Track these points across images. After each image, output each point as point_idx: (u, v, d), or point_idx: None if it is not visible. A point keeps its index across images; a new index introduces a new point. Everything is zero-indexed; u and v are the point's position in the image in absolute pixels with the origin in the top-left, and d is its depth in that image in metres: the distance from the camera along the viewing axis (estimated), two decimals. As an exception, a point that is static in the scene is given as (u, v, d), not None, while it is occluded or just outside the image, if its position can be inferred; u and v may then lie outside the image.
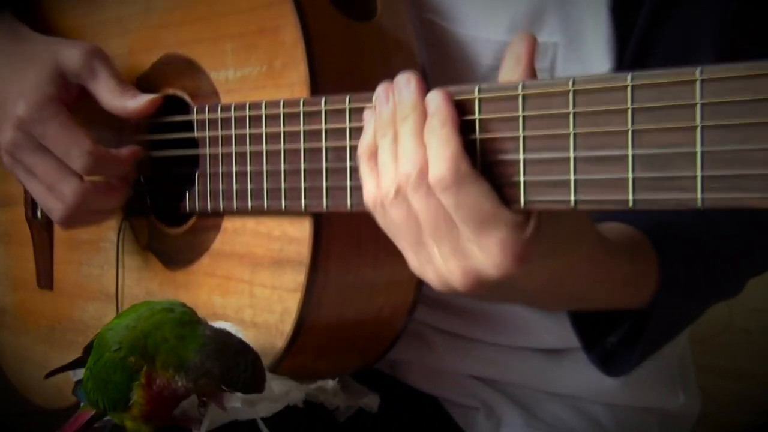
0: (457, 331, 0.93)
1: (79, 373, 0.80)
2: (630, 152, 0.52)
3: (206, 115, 0.81)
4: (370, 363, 0.87)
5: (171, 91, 0.87)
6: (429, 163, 0.58)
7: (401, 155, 0.60)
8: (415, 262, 0.63)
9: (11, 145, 0.87)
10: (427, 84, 0.61)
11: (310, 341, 0.78)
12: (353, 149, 0.68)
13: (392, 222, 0.62)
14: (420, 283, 0.83)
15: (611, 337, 0.77)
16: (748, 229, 0.80)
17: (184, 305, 0.74)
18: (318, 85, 0.74)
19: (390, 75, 0.78)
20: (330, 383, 0.82)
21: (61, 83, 0.87)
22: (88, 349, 0.79)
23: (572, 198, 0.55)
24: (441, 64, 0.83)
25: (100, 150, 0.84)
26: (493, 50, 0.81)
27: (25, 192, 1.01)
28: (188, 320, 0.72)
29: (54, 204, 0.87)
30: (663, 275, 0.72)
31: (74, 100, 0.88)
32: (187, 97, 0.85)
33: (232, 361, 0.69)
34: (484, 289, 0.61)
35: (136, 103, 0.86)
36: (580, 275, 0.67)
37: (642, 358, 0.77)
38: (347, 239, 0.76)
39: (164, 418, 0.75)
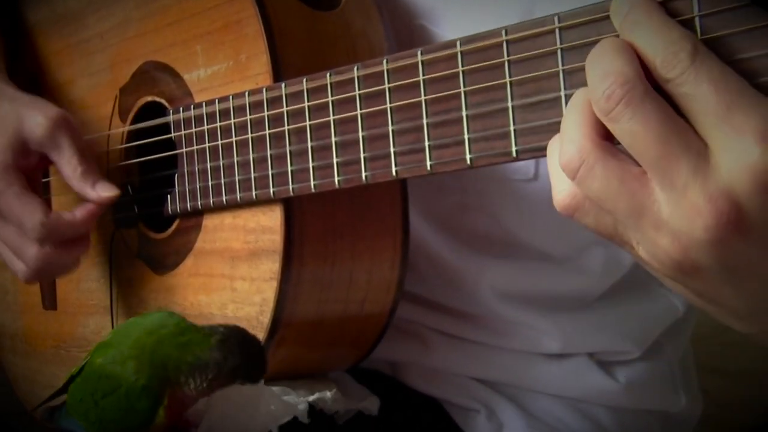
0: (457, 334, 0.93)
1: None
2: (562, 93, 0.52)
3: (181, 115, 0.82)
4: (360, 359, 0.86)
5: (150, 98, 0.89)
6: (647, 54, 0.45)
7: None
8: (644, 223, 0.46)
9: None
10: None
11: (292, 332, 0.78)
12: (313, 129, 0.68)
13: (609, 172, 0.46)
14: (402, 277, 0.83)
15: None
16: None
17: (172, 315, 0.74)
18: (281, 73, 0.75)
19: (355, 62, 0.79)
20: (328, 394, 0.81)
21: (20, 150, 0.86)
22: (70, 380, 0.77)
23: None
24: None
25: (52, 219, 0.83)
26: None
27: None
28: (186, 326, 0.72)
29: (19, 266, 0.88)
30: None
31: (37, 165, 0.88)
32: (164, 102, 0.87)
33: (253, 350, 0.69)
34: (737, 234, 0.44)
35: (94, 192, 0.85)
36: None
37: None
38: (321, 226, 0.76)
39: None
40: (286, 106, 0.70)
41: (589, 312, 0.92)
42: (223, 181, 0.78)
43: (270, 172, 0.73)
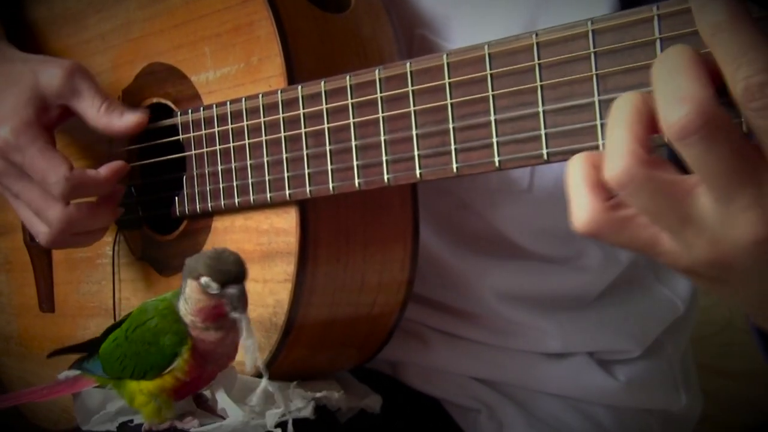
0: (458, 333, 0.93)
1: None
2: (596, 98, 0.53)
3: (189, 117, 0.82)
4: (367, 358, 0.87)
5: (155, 99, 0.88)
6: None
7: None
8: (689, 237, 0.47)
9: None
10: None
11: (304, 334, 0.78)
12: (332, 131, 0.69)
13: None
14: (412, 278, 0.83)
15: None
16: None
17: None
18: (295, 75, 0.75)
19: (366, 64, 0.79)
20: (335, 395, 0.82)
21: (41, 105, 0.85)
22: (106, 332, 0.80)
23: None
24: None
25: (77, 174, 0.82)
26: None
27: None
28: None
29: (40, 228, 0.87)
30: None
31: (57, 120, 0.88)
32: (170, 104, 0.86)
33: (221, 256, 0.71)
34: None
35: (122, 122, 0.85)
36: None
37: None
38: (335, 228, 0.77)
39: (193, 391, 0.77)
40: (303, 109, 0.71)
41: (589, 311, 0.93)
42: (235, 184, 0.78)
43: (285, 175, 0.73)
